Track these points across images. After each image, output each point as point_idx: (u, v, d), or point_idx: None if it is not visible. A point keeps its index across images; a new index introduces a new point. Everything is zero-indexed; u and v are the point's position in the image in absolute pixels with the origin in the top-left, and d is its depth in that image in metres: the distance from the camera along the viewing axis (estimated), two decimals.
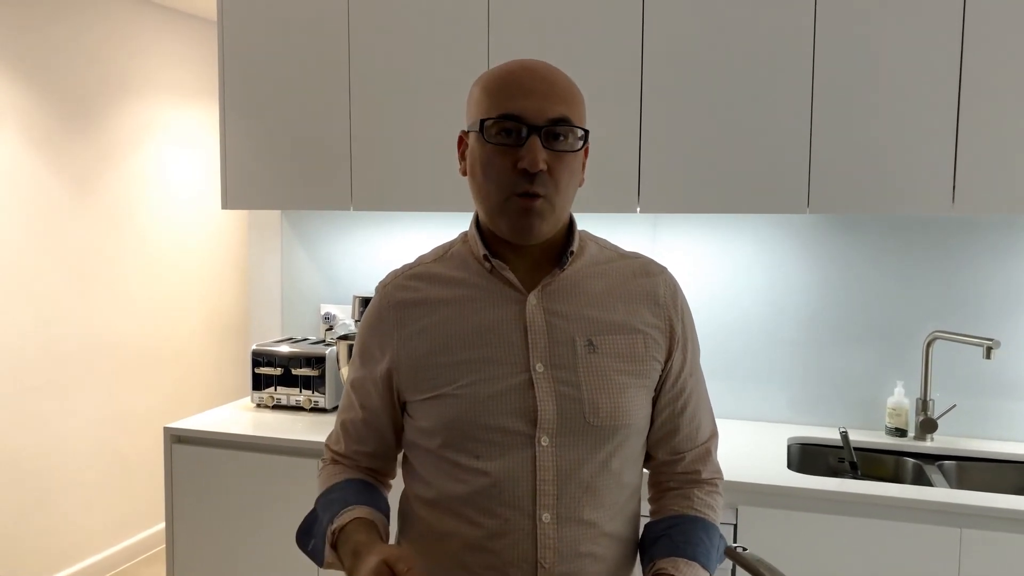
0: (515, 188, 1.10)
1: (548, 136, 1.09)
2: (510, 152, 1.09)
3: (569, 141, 1.11)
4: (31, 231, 3.26)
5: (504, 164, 1.10)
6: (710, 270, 2.63)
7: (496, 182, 1.11)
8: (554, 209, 1.12)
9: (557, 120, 1.09)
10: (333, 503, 1.19)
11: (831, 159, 2.17)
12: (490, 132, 1.10)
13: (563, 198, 1.13)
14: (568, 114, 1.10)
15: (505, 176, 1.10)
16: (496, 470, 1.12)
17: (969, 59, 2.07)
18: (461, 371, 1.14)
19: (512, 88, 1.10)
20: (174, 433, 2.51)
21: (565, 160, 1.11)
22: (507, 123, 1.09)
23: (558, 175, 1.10)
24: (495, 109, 1.10)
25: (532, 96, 1.09)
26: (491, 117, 1.10)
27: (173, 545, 2.53)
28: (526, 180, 1.09)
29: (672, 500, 1.24)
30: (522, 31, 2.38)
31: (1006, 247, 2.39)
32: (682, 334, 1.22)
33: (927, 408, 2.38)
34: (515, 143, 1.09)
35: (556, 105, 1.10)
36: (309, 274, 3.05)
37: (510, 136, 1.09)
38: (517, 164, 1.08)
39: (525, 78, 1.11)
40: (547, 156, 1.09)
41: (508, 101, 1.09)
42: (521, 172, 1.08)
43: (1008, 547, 1.87)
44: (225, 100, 2.68)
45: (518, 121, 1.09)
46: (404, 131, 2.50)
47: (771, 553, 1.95)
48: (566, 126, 1.10)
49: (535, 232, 1.12)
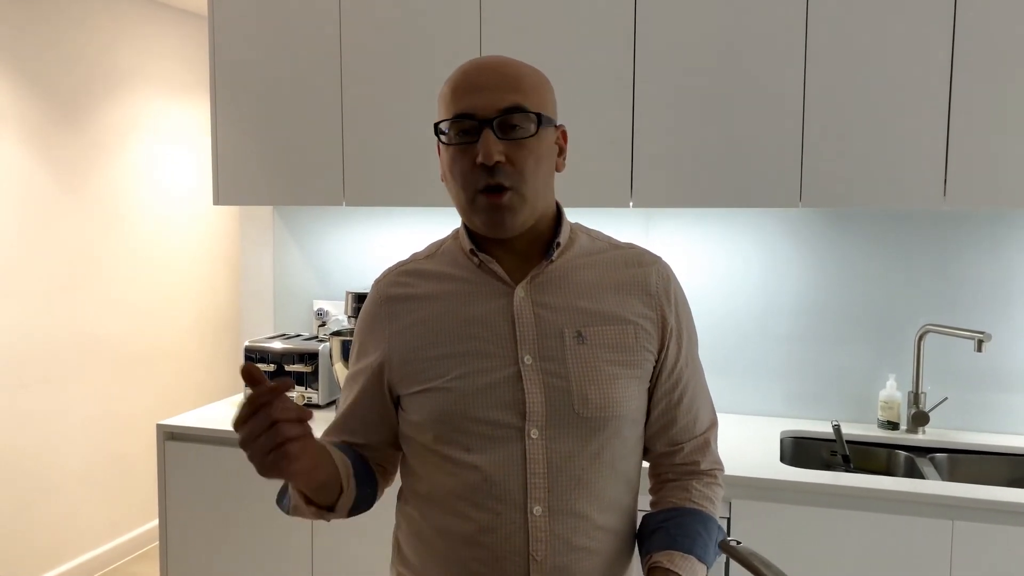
0: (477, 184, 1.10)
1: (502, 127, 1.10)
2: (469, 150, 1.10)
3: (525, 128, 1.11)
4: (21, 228, 3.25)
5: (465, 162, 1.11)
6: (703, 264, 2.63)
7: (460, 181, 1.12)
8: (525, 199, 1.12)
9: (508, 109, 1.10)
10: None
11: (823, 153, 2.18)
12: (449, 135, 1.12)
13: (532, 187, 1.12)
14: (520, 101, 1.10)
15: (467, 174, 1.11)
16: (486, 463, 1.12)
17: (960, 53, 2.08)
18: (450, 364, 1.14)
19: (463, 87, 1.12)
20: (167, 430, 2.51)
21: (526, 147, 1.11)
22: (462, 122, 1.11)
23: (521, 163, 1.10)
24: (449, 111, 1.12)
25: (482, 91, 1.10)
26: (445, 119, 1.12)
27: (166, 542, 2.53)
28: (486, 174, 1.09)
29: (670, 492, 1.24)
30: (514, 25, 2.37)
31: (997, 240, 2.40)
32: (676, 325, 1.21)
33: (919, 401, 2.39)
34: (472, 140, 1.10)
35: (506, 95, 1.10)
36: (302, 270, 3.05)
37: (468, 134, 1.10)
38: (476, 160, 1.09)
39: (474, 75, 1.12)
40: (505, 147, 1.09)
41: (460, 100, 1.11)
42: (480, 167, 1.09)
43: (999, 539, 1.88)
44: (216, 95, 2.67)
45: (470, 118, 1.10)
46: (396, 126, 2.49)
47: (764, 546, 1.96)
48: (519, 113, 1.10)
49: (507, 226, 1.12)
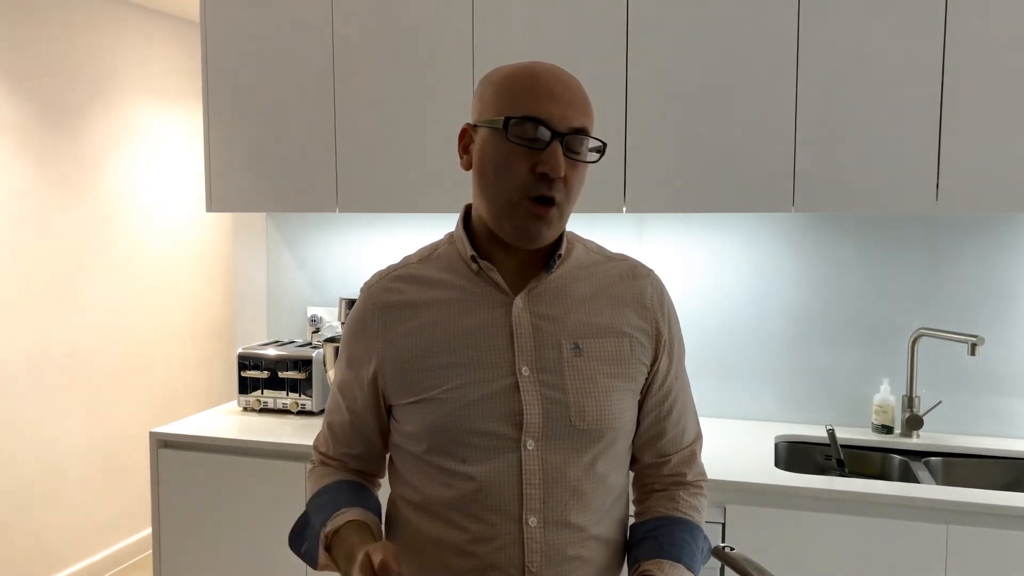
0: (530, 192, 1.09)
1: (568, 144, 1.09)
2: (530, 155, 1.08)
3: (585, 152, 1.12)
4: (14, 234, 3.23)
5: (522, 166, 1.08)
6: (696, 269, 2.63)
7: (510, 182, 1.09)
8: (563, 217, 1.13)
9: (578, 130, 1.10)
10: (325, 505, 1.19)
11: (816, 158, 2.18)
12: (513, 131, 1.08)
13: (570, 208, 1.14)
14: (588, 125, 1.11)
15: (521, 178, 1.09)
16: (482, 474, 1.11)
17: (951, 59, 2.09)
18: (446, 375, 1.13)
19: (539, 90, 1.09)
20: (160, 438, 2.49)
21: (579, 170, 1.12)
22: (532, 125, 1.08)
23: (572, 184, 1.11)
24: (521, 109, 1.08)
25: (558, 102, 1.08)
26: (516, 116, 1.08)
27: (160, 550, 2.51)
28: (544, 185, 1.08)
29: (657, 502, 1.24)
30: (507, 31, 2.37)
31: (990, 244, 2.41)
32: (668, 337, 1.22)
33: (913, 405, 2.40)
34: (535, 146, 1.08)
35: (578, 114, 1.10)
36: (295, 276, 3.04)
37: (530, 138, 1.08)
38: (536, 168, 1.07)
39: (551, 82, 1.10)
40: (565, 163, 1.08)
41: (535, 103, 1.08)
42: (539, 176, 1.08)
43: (994, 543, 1.89)
44: (209, 102, 2.66)
45: (544, 124, 1.08)
46: (389, 133, 2.49)
47: (759, 552, 1.97)
48: (587, 137, 1.11)
49: (542, 238, 1.12)
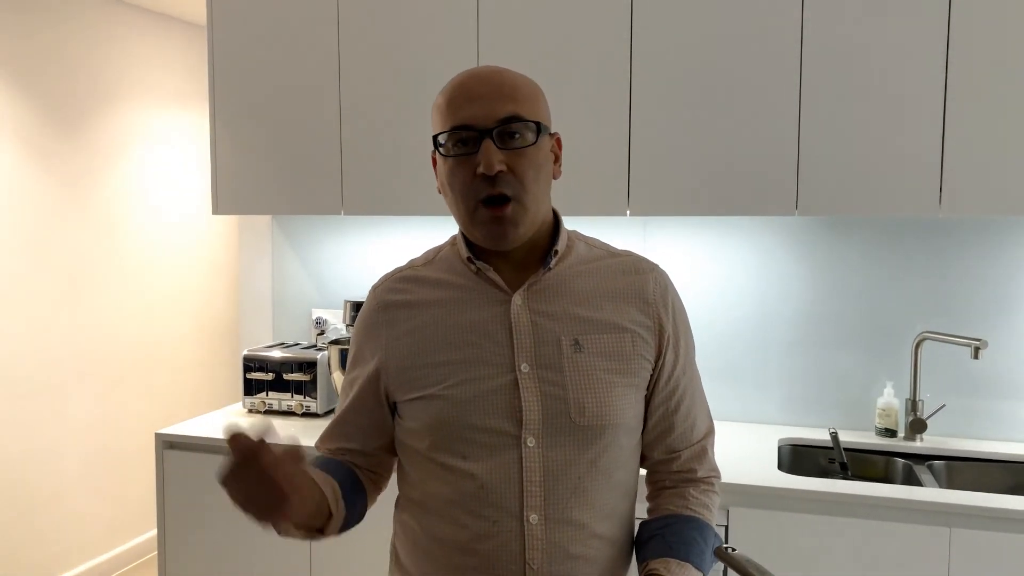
0: (478, 195, 1.10)
1: (502, 136, 1.10)
2: (468, 160, 1.10)
3: (524, 137, 1.11)
4: (21, 237, 3.25)
5: (465, 174, 1.11)
6: (700, 272, 2.64)
7: (461, 193, 1.12)
8: (526, 210, 1.12)
9: (506, 119, 1.10)
10: None
11: (819, 161, 2.19)
12: (446, 146, 1.12)
13: (532, 196, 1.12)
14: (517, 111, 1.11)
15: (468, 185, 1.11)
16: (483, 471, 1.12)
17: (955, 62, 2.09)
18: (447, 372, 1.14)
19: (459, 98, 1.12)
20: (165, 439, 2.50)
21: (526, 156, 1.11)
22: (460, 133, 1.10)
23: (521, 173, 1.10)
24: (447, 123, 1.12)
25: (478, 101, 1.10)
26: (444, 131, 1.12)
27: (165, 551, 2.52)
28: (487, 184, 1.09)
29: (667, 499, 1.24)
30: (511, 35, 2.38)
31: (993, 247, 2.40)
32: (673, 332, 1.21)
33: (916, 408, 2.39)
34: (471, 151, 1.10)
35: (504, 104, 1.10)
36: (300, 279, 3.05)
37: (466, 145, 1.10)
38: (476, 171, 1.09)
39: (470, 85, 1.12)
40: (505, 156, 1.09)
41: (457, 112, 1.11)
42: (481, 177, 1.09)
43: (998, 546, 1.88)
44: (215, 105, 2.68)
45: (469, 129, 1.10)
46: (394, 135, 2.50)
47: (762, 554, 1.97)
48: (518, 122, 1.10)
49: (509, 238, 1.13)
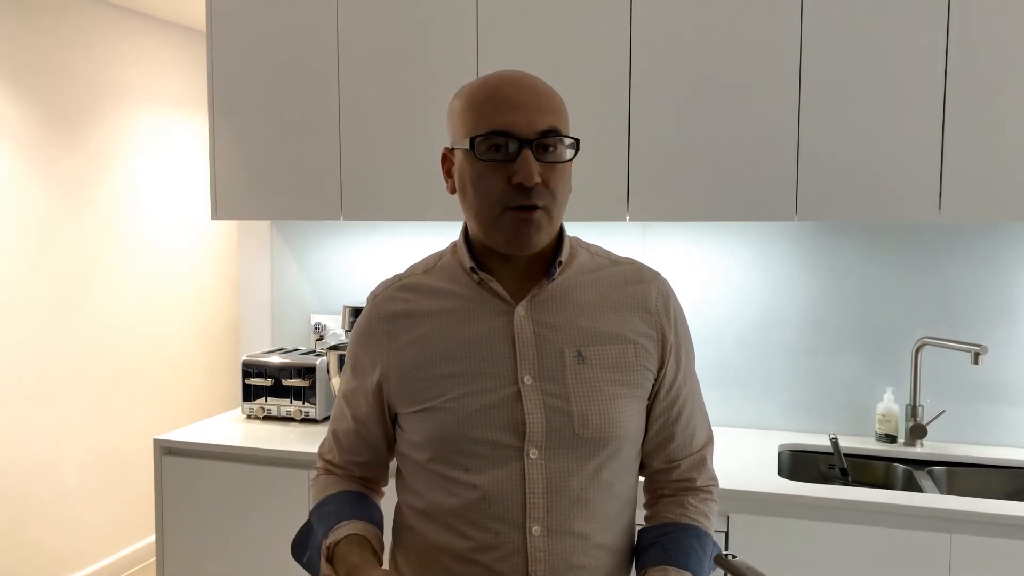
0: (510, 203, 1.08)
1: (539, 148, 1.08)
2: (502, 168, 1.08)
3: (559, 151, 1.10)
4: (20, 242, 3.25)
5: (497, 180, 1.08)
6: (700, 278, 2.63)
7: (490, 198, 1.09)
8: (552, 220, 1.12)
9: (547, 132, 1.08)
10: (327, 516, 1.19)
11: (819, 167, 2.19)
12: (480, 149, 1.08)
13: (559, 209, 1.12)
14: (557, 124, 1.09)
15: (498, 192, 1.08)
16: (485, 483, 1.11)
17: (954, 67, 2.09)
18: (449, 384, 1.13)
19: (498, 102, 1.08)
20: (164, 444, 2.50)
21: (558, 170, 1.10)
22: (497, 139, 1.07)
23: (554, 186, 1.10)
24: (483, 125, 1.08)
25: (520, 109, 1.07)
26: (480, 134, 1.08)
27: (163, 557, 2.51)
28: (522, 195, 1.07)
29: (666, 507, 1.24)
30: (510, 40, 2.38)
31: (993, 253, 2.40)
32: (675, 342, 1.21)
33: (916, 414, 2.39)
34: (506, 158, 1.07)
35: (544, 116, 1.08)
36: (299, 284, 3.05)
37: (500, 151, 1.08)
38: (511, 179, 1.07)
39: (510, 91, 1.09)
40: (540, 168, 1.07)
41: (496, 116, 1.07)
42: (516, 187, 1.07)
43: (998, 552, 1.88)
44: (214, 110, 2.68)
45: (508, 136, 1.07)
46: (394, 140, 2.50)
47: (762, 560, 1.96)
48: (556, 137, 1.09)
49: (532, 243, 1.11)
